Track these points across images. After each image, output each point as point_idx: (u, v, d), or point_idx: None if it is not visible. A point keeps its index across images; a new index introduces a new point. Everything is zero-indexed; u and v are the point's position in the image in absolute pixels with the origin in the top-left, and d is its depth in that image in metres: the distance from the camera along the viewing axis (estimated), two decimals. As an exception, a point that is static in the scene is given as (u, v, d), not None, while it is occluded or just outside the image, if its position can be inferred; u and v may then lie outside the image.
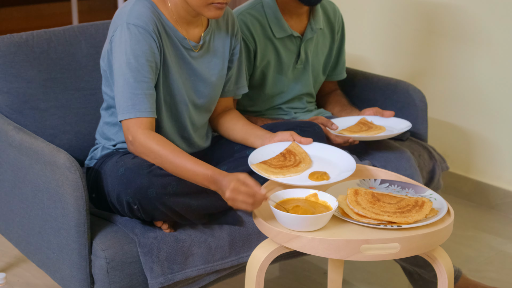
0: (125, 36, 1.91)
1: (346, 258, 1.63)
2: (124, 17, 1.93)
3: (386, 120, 2.39)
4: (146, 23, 1.92)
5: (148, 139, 1.87)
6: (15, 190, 2.06)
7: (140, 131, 1.88)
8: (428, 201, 1.75)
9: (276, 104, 2.49)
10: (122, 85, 1.90)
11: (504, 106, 3.05)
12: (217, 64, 2.12)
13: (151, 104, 1.91)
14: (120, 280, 1.85)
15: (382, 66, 3.40)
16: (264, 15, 2.40)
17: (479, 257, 2.76)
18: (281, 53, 2.42)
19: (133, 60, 1.90)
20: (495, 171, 3.14)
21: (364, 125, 2.34)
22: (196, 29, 2.06)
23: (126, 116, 1.90)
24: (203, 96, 2.11)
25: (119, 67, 1.91)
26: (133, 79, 1.89)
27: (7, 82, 2.17)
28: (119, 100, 1.91)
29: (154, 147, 1.86)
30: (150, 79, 1.92)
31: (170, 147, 1.87)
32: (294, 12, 2.41)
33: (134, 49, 1.90)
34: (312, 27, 2.44)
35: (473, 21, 3.06)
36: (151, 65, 1.92)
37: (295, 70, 2.47)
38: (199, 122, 2.14)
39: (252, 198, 1.73)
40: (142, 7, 1.95)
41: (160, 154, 1.86)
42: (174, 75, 2.01)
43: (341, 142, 2.25)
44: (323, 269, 2.64)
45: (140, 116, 1.89)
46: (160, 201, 1.81)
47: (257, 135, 2.10)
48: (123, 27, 1.92)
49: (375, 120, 2.40)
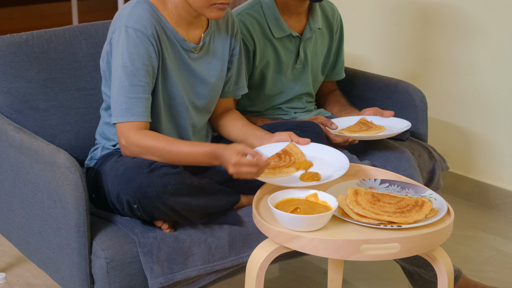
0: (122, 39, 1.92)
1: (346, 258, 1.63)
2: (123, 19, 1.94)
3: (386, 120, 2.40)
4: (145, 27, 1.93)
5: (141, 137, 1.90)
6: (15, 190, 2.06)
7: (132, 133, 1.90)
8: (428, 201, 1.75)
9: (275, 104, 2.49)
10: (117, 88, 1.92)
11: (504, 106, 3.05)
12: (216, 65, 2.12)
13: (145, 108, 1.92)
14: (120, 280, 1.85)
15: (382, 66, 3.40)
16: (263, 15, 2.40)
17: (479, 257, 2.76)
18: (280, 53, 2.43)
19: (129, 64, 1.90)
20: (495, 171, 3.14)
21: (364, 124, 2.34)
22: (196, 31, 2.06)
23: (119, 120, 1.91)
24: (202, 98, 2.11)
25: (115, 70, 1.92)
26: (128, 83, 1.90)
27: (7, 82, 2.17)
28: (114, 103, 1.93)
29: (148, 142, 1.89)
30: (145, 83, 1.92)
31: (164, 139, 1.90)
32: (293, 12, 2.41)
33: (131, 52, 1.91)
34: (310, 26, 2.44)
35: (473, 21, 3.06)
36: (147, 69, 1.92)
37: (294, 70, 2.47)
38: (199, 123, 2.14)
39: (255, 167, 1.80)
40: (141, 10, 1.95)
41: (156, 147, 1.88)
42: (173, 77, 2.01)
43: (341, 141, 2.25)
44: (323, 269, 2.64)
45: (134, 120, 1.91)
46: (160, 200, 1.81)
47: (256, 135, 2.11)
48: (121, 30, 1.93)
49: (375, 120, 2.40)
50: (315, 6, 2.46)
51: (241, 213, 2.00)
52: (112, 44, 1.95)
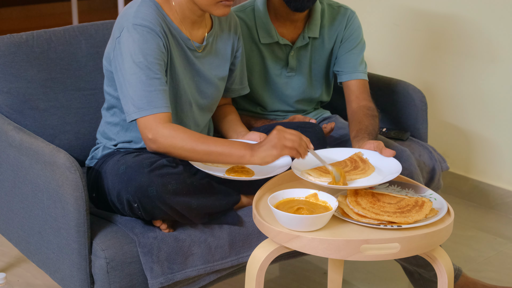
0: (132, 37, 1.91)
1: (346, 258, 1.63)
2: (130, 18, 1.94)
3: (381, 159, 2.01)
4: (152, 24, 1.93)
5: (171, 130, 1.88)
6: (15, 190, 2.06)
7: (161, 126, 1.88)
8: (428, 201, 1.75)
9: (266, 108, 2.47)
10: (134, 84, 1.89)
11: (504, 106, 3.05)
12: (219, 65, 2.13)
13: (166, 100, 1.91)
14: (120, 280, 1.85)
15: (382, 66, 3.40)
16: (253, 19, 2.38)
17: (479, 257, 2.76)
18: (266, 59, 2.40)
19: (143, 59, 1.90)
20: (495, 171, 3.14)
21: (351, 163, 1.99)
22: (200, 30, 2.07)
23: (142, 114, 1.89)
24: (206, 97, 2.12)
25: (127, 68, 1.91)
26: (146, 77, 1.89)
27: (7, 82, 2.17)
28: (133, 99, 1.90)
29: (180, 134, 1.87)
30: (162, 76, 1.92)
31: (194, 132, 1.90)
32: (286, 19, 2.37)
33: (142, 48, 1.90)
34: (304, 35, 2.41)
35: (472, 21, 3.06)
36: (160, 63, 1.92)
37: (285, 77, 2.44)
38: (202, 122, 2.15)
39: (298, 136, 1.83)
40: (147, 8, 1.96)
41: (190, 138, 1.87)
42: (179, 75, 2.02)
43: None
44: (323, 269, 2.65)
45: (158, 112, 1.89)
46: (160, 199, 1.81)
47: (236, 131, 2.18)
48: (129, 28, 1.92)
49: (371, 156, 2.01)
50: (314, 14, 2.39)
51: (241, 213, 2.01)
52: (121, 43, 1.94)
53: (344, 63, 2.43)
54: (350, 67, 2.41)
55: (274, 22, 2.38)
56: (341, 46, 2.44)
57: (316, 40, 2.43)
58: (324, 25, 2.42)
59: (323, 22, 2.42)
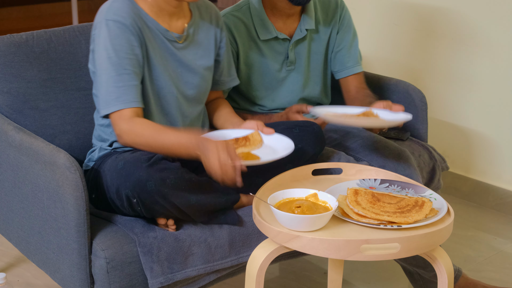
0: (104, 33, 1.95)
1: (346, 258, 1.63)
2: (103, 14, 1.98)
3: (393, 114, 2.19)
4: (124, 18, 1.96)
5: (132, 125, 1.91)
6: (15, 190, 2.06)
7: (124, 121, 1.92)
8: (428, 201, 1.75)
9: (265, 107, 2.47)
10: (105, 80, 1.94)
11: (504, 106, 3.05)
12: (203, 55, 2.14)
13: (135, 95, 1.94)
14: (120, 280, 1.85)
15: (382, 66, 3.40)
16: (250, 17, 2.39)
17: (479, 257, 2.76)
18: (266, 56, 2.41)
19: (113, 55, 1.93)
20: (495, 171, 3.14)
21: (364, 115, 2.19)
22: (179, 21, 2.09)
23: (111, 110, 1.93)
24: (192, 87, 2.12)
25: (100, 64, 1.95)
26: (115, 73, 1.93)
27: (7, 82, 2.17)
28: (103, 95, 1.94)
29: (137, 130, 1.91)
30: (132, 71, 1.95)
31: (153, 126, 1.92)
32: (283, 14, 2.39)
33: (113, 44, 1.94)
34: (301, 28, 2.42)
35: (472, 21, 3.06)
36: (130, 58, 1.95)
37: (285, 72, 2.45)
38: (190, 114, 2.15)
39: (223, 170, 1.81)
40: (120, 3, 1.99)
41: (144, 135, 1.90)
42: (159, 67, 2.03)
43: (320, 123, 2.26)
44: (323, 269, 2.65)
45: (124, 108, 1.93)
46: (159, 194, 1.82)
47: (232, 122, 2.18)
48: (102, 24, 1.97)
49: (382, 113, 2.19)
50: (308, 6, 2.42)
51: (241, 213, 2.01)
52: (94, 40, 1.99)
53: (342, 61, 2.51)
54: (349, 62, 2.52)
55: (270, 18, 2.40)
56: (337, 38, 2.50)
57: (312, 31, 2.46)
58: (318, 16, 2.47)
59: (317, 13, 2.46)
